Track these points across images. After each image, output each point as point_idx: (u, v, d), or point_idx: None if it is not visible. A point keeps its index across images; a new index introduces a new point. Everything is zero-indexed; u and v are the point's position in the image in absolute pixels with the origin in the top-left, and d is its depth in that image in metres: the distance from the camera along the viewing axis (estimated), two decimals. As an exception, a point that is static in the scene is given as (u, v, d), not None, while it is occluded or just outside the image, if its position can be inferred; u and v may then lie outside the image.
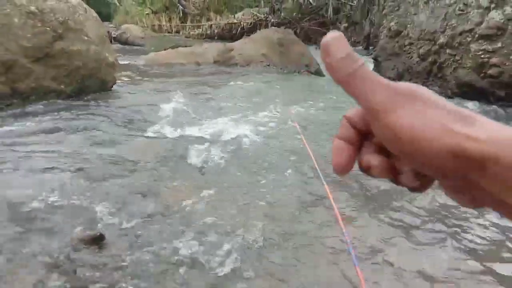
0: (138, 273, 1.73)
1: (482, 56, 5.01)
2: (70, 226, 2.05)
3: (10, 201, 2.28)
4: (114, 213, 2.17)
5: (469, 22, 5.25)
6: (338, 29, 14.82)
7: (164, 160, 2.98)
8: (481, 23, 5.12)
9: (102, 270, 1.73)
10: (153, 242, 1.94)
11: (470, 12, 5.26)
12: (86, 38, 4.97)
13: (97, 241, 1.90)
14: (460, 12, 5.41)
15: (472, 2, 5.24)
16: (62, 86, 4.70)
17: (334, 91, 6.12)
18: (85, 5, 5.26)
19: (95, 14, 5.42)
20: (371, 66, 7.60)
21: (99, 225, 2.07)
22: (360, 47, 13.34)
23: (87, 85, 4.93)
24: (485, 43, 5.03)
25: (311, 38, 14.91)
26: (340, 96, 5.71)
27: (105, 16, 19.03)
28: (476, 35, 5.11)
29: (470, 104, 4.97)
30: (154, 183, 2.59)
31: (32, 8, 4.51)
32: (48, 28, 4.58)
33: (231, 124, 3.95)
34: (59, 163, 2.88)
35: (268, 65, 8.02)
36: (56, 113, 4.10)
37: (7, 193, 2.38)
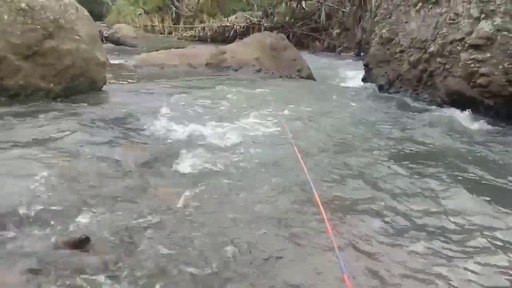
0: (123, 277, 1.71)
1: (472, 65, 5.06)
2: (55, 229, 2.02)
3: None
4: (100, 216, 2.14)
5: (459, 32, 5.30)
6: (331, 34, 14.91)
7: (154, 163, 2.95)
8: (471, 32, 5.17)
9: (86, 273, 1.69)
10: (140, 245, 1.92)
11: (460, 22, 5.32)
12: (77, 37, 4.92)
13: (82, 244, 1.86)
14: (451, 21, 5.47)
15: (463, 12, 5.30)
16: (51, 85, 4.64)
17: (325, 95, 6.15)
18: (77, 4, 5.21)
19: (86, 13, 5.36)
20: (362, 72, 7.66)
21: (84, 227, 2.03)
22: (352, 53, 13.42)
23: (76, 85, 4.87)
24: (475, 52, 5.08)
25: (303, 43, 14.97)
26: (331, 100, 5.74)
27: (97, 15, 18.91)
28: (466, 45, 5.16)
29: (459, 113, 5.03)
30: (143, 186, 2.56)
31: (23, 5, 4.45)
32: (38, 26, 4.53)
33: (222, 127, 3.94)
34: (45, 164, 2.83)
35: (260, 69, 8.02)
36: (44, 113, 4.02)
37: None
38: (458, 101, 5.28)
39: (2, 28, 4.24)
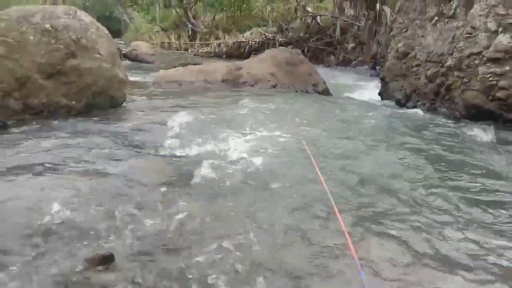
0: (147, 294, 1.73)
1: (490, 79, 5.02)
2: (79, 245, 2.06)
3: (19, 218, 2.29)
4: (123, 232, 2.18)
5: (477, 45, 5.28)
6: (346, 49, 14.94)
7: (174, 178, 2.99)
8: (489, 46, 5.15)
9: (112, 290, 1.73)
10: (164, 262, 1.94)
11: (478, 35, 5.29)
12: (97, 55, 5.06)
13: (106, 261, 1.90)
14: (468, 35, 5.45)
15: (480, 25, 5.28)
16: (73, 102, 4.77)
17: (342, 110, 6.15)
18: (97, 23, 5.36)
19: (106, 32, 5.52)
20: (378, 86, 7.65)
21: (108, 244, 2.07)
22: (367, 67, 13.40)
23: (97, 102, 4.99)
24: (493, 66, 5.05)
25: (318, 57, 15.02)
26: (348, 115, 5.73)
27: (115, 33, 19.34)
28: (484, 58, 5.13)
29: (478, 127, 4.97)
30: (163, 201, 2.60)
31: (47, 25, 4.61)
32: (61, 46, 4.68)
33: (239, 143, 3.97)
34: (69, 180, 2.90)
35: (276, 84, 8.07)
36: (66, 130, 4.14)
37: (16, 210, 2.40)
38: (477, 114, 5.23)
39: (28, 48, 4.40)
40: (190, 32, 20.63)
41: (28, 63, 4.39)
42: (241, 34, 18.12)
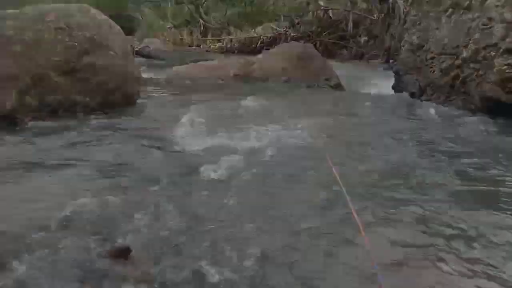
0: (164, 286, 1.76)
1: (507, 71, 4.93)
2: (97, 238, 2.09)
3: (38, 212, 2.35)
4: (140, 226, 2.21)
5: (493, 37, 5.18)
6: (358, 42, 14.80)
7: (189, 173, 3.02)
8: (505, 37, 5.05)
9: (129, 283, 1.75)
10: (180, 255, 1.97)
11: (494, 27, 5.20)
12: (111, 53, 5.11)
13: (123, 253, 1.93)
14: (484, 26, 5.35)
15: (496, 16, 5.18)
16: (88, 100, 4.83)
17: (355, 104, 6.12)
18: (110, 21, 5.41)
19: (119, 29, 5.57)
20: (391, 80, 7.56)
21: (125, 237, 2.10)
22: (380, 61, 13.26)
23: (112, 99, 5.04)
24: (510, 57, 4.95)
25: (331, 51, 14.90)
26: (361, 110, 5.70)
27: (128, 30, 19.40)
28: (501, 50, 5.04)
29: (494, 120, 4.89)
30: (178, 196, 2.63)
31: (62, 24, 4.68)
32: (75, 43, 4.74)
33: (252, 137, 3.98)
34: (85, 176, 2.96)
35: (288, 79, 8.05)
36: (82, 126, 4.21)
37: (36, 204, 2.46)
38: (493, 107, 5.14)
39: (43, 47, 4.47)
40: (202, 28, 20.63)
41: (43, 60, 4.46)
42: (253, 30, 18.06)
